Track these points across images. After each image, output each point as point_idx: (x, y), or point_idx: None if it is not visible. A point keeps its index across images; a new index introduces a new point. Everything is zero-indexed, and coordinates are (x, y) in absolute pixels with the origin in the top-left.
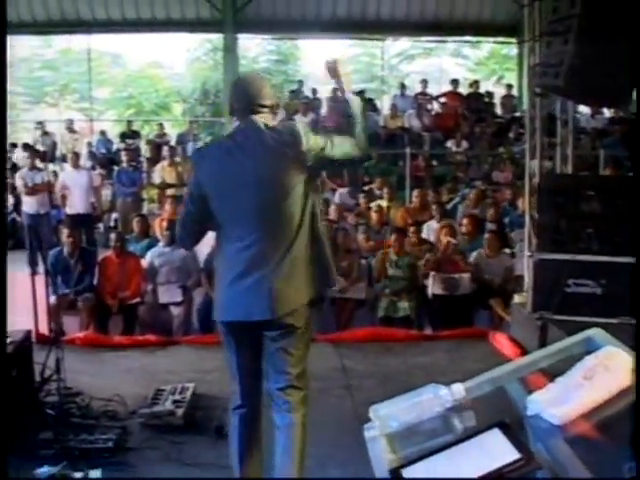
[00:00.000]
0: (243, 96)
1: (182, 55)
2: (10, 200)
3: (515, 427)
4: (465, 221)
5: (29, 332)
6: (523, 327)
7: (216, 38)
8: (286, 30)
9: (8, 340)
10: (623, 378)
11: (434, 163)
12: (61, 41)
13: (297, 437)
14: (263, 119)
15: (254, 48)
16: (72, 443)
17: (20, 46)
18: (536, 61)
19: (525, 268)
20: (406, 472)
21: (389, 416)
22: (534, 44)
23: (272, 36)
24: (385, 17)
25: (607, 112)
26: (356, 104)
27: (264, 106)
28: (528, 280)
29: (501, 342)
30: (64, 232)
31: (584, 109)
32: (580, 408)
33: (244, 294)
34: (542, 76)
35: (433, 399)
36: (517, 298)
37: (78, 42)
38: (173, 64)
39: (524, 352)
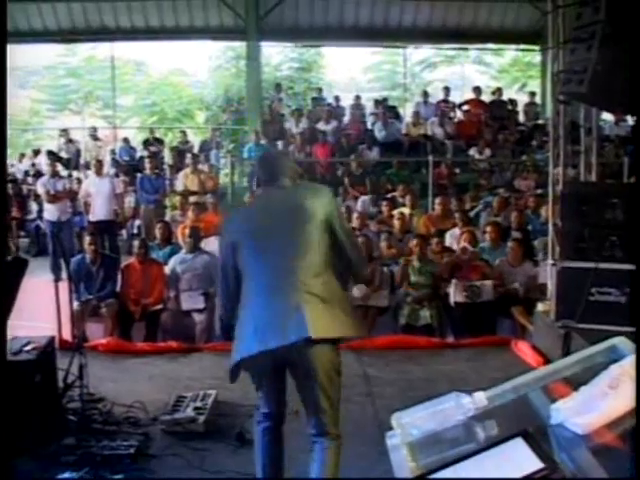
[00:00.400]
0: (268, 171)
1: (205, 63)
2: (34, 207)
3: (538, 436)
4: (488, 228)
5: (52, 338)
6: (546, 336)
7: (239, 46)
8: (309, 38)
9: (31, 346)
10: None
11: (457, 171)
12: (85, 49)
13: (331, 463)
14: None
15: (277, 56)
16: (94, 449)
17: (45, 54)
18: (560, 68)
19: (548, 276)
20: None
21: (411, 424)
22: (558, 51)
23: (295, 44)
24: (407, 25)
25: (631, 119)
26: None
27: (286, 177)
28: (551, 288)
29: (524, 350)
30: (86, 239)
31: (608, 116)
32: (604, 417)
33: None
34: (566, 83)
35: (455, 407)
36: (540, 306)
37: (102, 50)
38: (196, 72)
39: (547, 361)
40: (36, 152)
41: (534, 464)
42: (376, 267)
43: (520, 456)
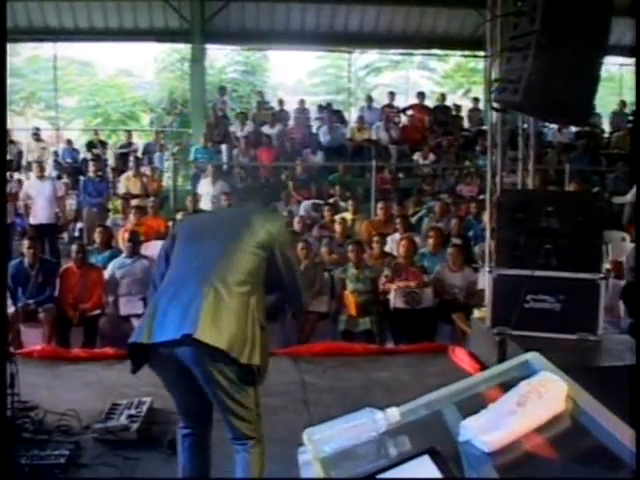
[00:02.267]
0: (245, 197)
1: (150, 64)
2: None
3: (447, 453)
4: (430, 234)
5: None
6: (482, 342)
7: (184, 48)
8: (255, 41)
9: None
10: (556, 405)
11: (400, 176)
12: (29, 49)
13: (249, 467)
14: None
15: (222, 59)
16: (23, 459)
17: None
18: (496, 77)
19: (485, 283)
20: None
21: (323, 440)
22: (493, 60)
23: (240, 47)
24: (353, 29)
25: (573, 127)
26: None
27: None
28: (488, 295)
29: (461, 357)
30: (25, 243)
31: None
32: (511, 435)
33: None
34: (501, 92)
35: (368, 423)
36: (477, 313)
37: (45, 50)
38: (141, 73)
39: (483, 367)
40: None
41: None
42: (317, 272)
43: (425, 472)
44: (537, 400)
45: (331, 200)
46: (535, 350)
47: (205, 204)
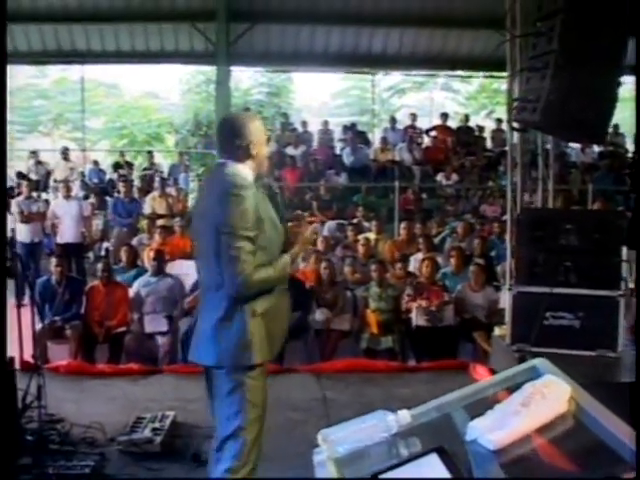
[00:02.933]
0: (218, 136)
1: (175, 86)
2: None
3: (456, 452)
4: (452, 254)
5: (12, 359)
6: (502, 359)
7: (209, 70)
8: (279, 63)
9: None
10: (559, 406)
11: (424, 196)
12: (56, 71)
13: None
14: (235, 159)
15: (247, 80)
16: (50, 469)
17: (15, 75)
18: (515, 97)
19: (505, 301)
20: None
21: (337, 441)
22: (513, 80)
23: (265, 69)
24: (377, 51)
25: (597, 147)
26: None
27: (235, 147)
28: (507, 312)
29: (481, 373)
30: (52, 261)
31: (575, 144)
32: (515, 434)
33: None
34: (521, 111)
35: (380, 425)
36: (497, 330)
37: (73, 72)
38: (166, 95)
39: None
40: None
41: (443, 477)
42: (339, 291)
43: (433, 470)
44: (541, 401)
45: (355, 220)
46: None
47: None
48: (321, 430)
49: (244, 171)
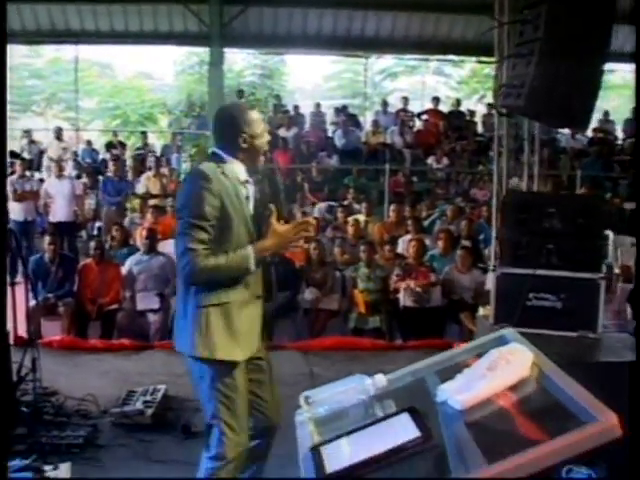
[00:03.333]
0: (212, 126)
1: (169, 67)
2: None
3: (427, 412)
4: (440, 236)
5: (6, 334)
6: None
7: (203, 51)
8: (272, 45)
9: None
10: (522, 371)
11: (414, 179)
12: (50, 51)
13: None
14: (225, 150)
15: (240, 62)
16: (44, 439)
17: (9, 55)
18: (502, 82)
19: (490, 282)
20: (324, 449)
21: (317, 403)
22: (501, 66)
23: (258, 51)
24: (370, 34)
25: (587, 133)
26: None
27: (226, 138)
28: (491, 293)
29: None
30: (45, 239)
31: (565, 129)
32: (481, 396)
33: None
34: (506, 97)
35: (357, 388)
36: (482, 310)
37: (67, 52)
38: (160, 76)
39: None
40: None
41: (413, 434)
42: (328, 271)
43: (403, 428)
44: (505, 366)
45: (345, 202)
46: (536, 346)
47: None
48: (303, 392)
49: (219, 165)
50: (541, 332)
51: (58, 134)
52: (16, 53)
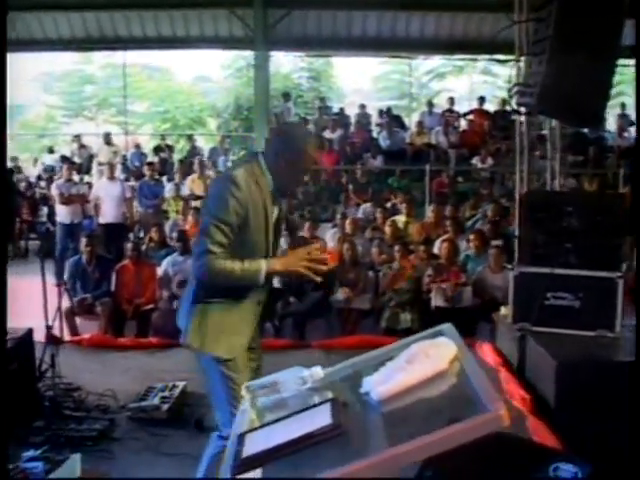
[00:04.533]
0: (267, 137)
1: (218, 71)
2: (45, 210)
3: (353, 402)
4: (472, 236)
5: (30, 330)
6: (505, 337)
7: (249, 55)
8: (317, 48)
9: (8, 337)
10: (440, 364)
11: (459, 180)
12: (101, 57)
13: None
14: (265, 158)
15: (287, 65)
16: (60, 431)
17: (61, 61)
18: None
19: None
20: (249, 435)
21: (259, 392)
22: (519, 65)
23: (305, 53)
24: (414, 35)
25: (633, 131)
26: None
27: (271, 150)
28: (510, 292)
29: (485, 351)
30: (82, 241)
31: (612, 127)
32: (397, 387)
33: None
34: (521, 96)
35: (296, 379)
36: (503, 310)
37: (117, 58)
38: (208, 80)
39: (505, 361)
40: (50, 150)
41: (325, 423)
42: (361, 271)
43: (320, 417)
44: (424, 359)
45: (389, 203)
46: (554, 345)
47: None
48: (246, 383)
49: (255, 173)
50: (559, 331)
51: (107, 139)
52: (67, 60)
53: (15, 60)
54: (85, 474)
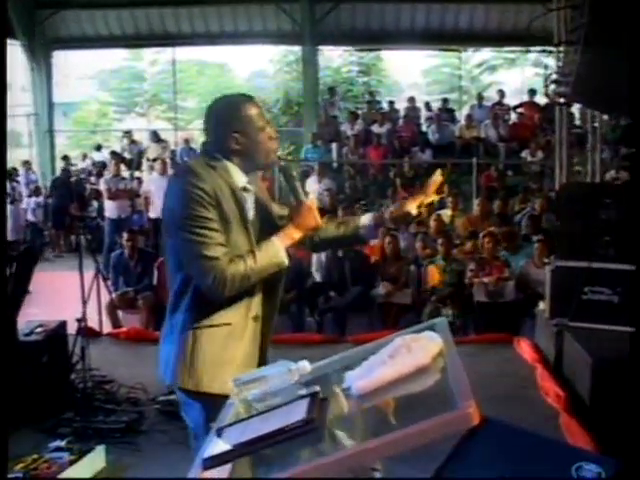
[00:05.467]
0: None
1: (267, 66)
2: (95, 205)
3: (333, 397)
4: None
5: (64, 322)
6: (542, 333)
7: (299, 49)
8: (365, 42)
9: (42, 329)
10: (422, 359)
11: (509, 173)
12: (150, 53)
13: None
14: (218, 151)
15: (337, 59)
16: (88, 423)
17: (112, 58)
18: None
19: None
20: (228, 429)
21: (246, 386)
22: (559, 53)
23: (352, 47)
24: (463, 28)
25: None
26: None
27: (215, 136)
28: (547, 286)
29: (523, 347)
30: (124, 236)
31: None
32: (376, 382)
33: None
34: (558, 85)
35: (283, 373)
36: (542, 305)
37: (167, 54)
38: (258, 75)
39: (542, 357)
40: (98, 147)
41: (299, 417)
42: (402, 265)
43: (296, 412)
44: (406, 354)
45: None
46: (591, 341)
47: None
48: (234, 377)
49: (211, 164)
50: (597, 327)
51: (156, 137)
52: (118, 56)
53: (71, 57)
54: (110, 466)
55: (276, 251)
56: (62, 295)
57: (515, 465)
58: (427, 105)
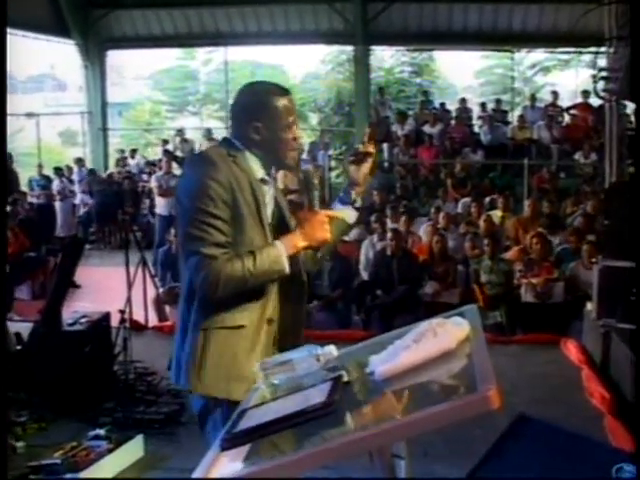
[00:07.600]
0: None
1: (319, 66)
2: (147, 203)
3: (363, 382)
4: (566, 232)
5: (107, 314)
6: (589, 334)
7: (351, 49)
8: (418, 42)
9: (85, 320)
10: (447, 344)
11: (561, 175)
12: (203, 52)
13: None
14: (240, 140)
15: (389, 59)
16: (129, 413)
17: (165, 57)
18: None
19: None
20: (250, 411)
21: (271, 371)
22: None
23: (404, 48)
24: (517, 28)
25: None
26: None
27: (238, 126)
28: (594, 287)
29: (569, 348)
30: (171, 232)
31: None
32: (400, 367)
33: None
34: (606, 82)
35: (309, 357)
36: (589, 305)
37: (219, 53)
38: (309, 74)
39: (589, 359)
40: (133, 151)
41: (320, 400)
42: (450, 265)
43: (318, 395)
44: (431, 338)
45: (487, 198)
46: (638, 343)
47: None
48: (259, 361)
49: (231, 153)
50: None
51: (208, 135)
52: (171, 55)
53: (126, 58)
54: (148, 455)
55: (278, 256)
56: (111, 290)
57: (554, 464)
58: (482, 105)
